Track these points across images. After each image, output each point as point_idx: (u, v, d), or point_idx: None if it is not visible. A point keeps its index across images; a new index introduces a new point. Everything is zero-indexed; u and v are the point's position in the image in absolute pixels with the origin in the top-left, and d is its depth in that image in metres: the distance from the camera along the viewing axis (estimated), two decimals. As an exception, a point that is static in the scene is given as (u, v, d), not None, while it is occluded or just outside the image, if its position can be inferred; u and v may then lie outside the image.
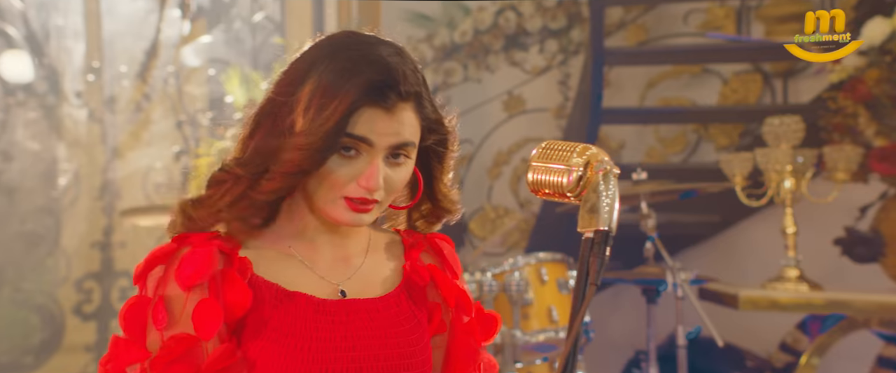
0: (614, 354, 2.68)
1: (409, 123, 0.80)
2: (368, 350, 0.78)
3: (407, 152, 0.81)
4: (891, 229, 2.01)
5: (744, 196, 2.10)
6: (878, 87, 1.92)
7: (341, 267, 0.82)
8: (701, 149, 3.02)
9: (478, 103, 3.34)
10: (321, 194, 0.80)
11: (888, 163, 1.92)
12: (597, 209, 0.67)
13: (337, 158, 0.79)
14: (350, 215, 0.79)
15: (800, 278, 2.04)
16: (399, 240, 0.86)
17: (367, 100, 0.78)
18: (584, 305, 0.63)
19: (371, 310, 0.80)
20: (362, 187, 0.79)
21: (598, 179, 0.68)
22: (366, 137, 0.79)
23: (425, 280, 0.83)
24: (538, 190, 0.70)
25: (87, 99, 2.81)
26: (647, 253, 1.91)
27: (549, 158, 0.69)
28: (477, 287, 1.82)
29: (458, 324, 0.84)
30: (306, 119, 0.78)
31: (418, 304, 0.83)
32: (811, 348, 2.03)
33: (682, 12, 3.07)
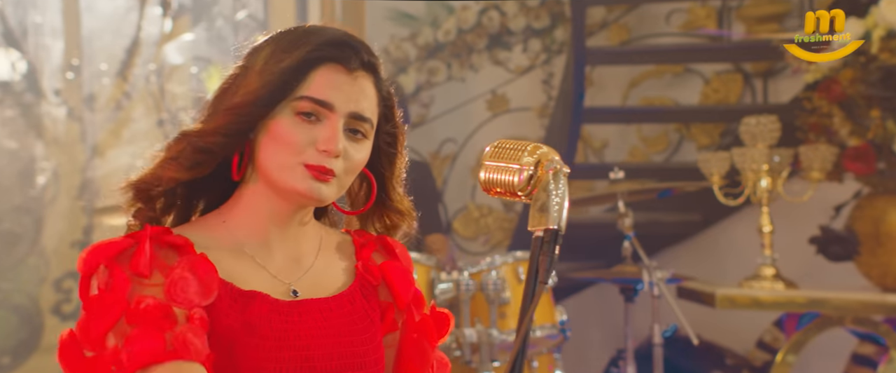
0: (596, 352, 2.69)
1: (369, 95, 0.80)
2: (322, 349, 0.78)
3: (365, 130, 0.80)
4: (864, 228, 2.03)
5: (721, 195, 2.11)
6: (852, 88, 1.94)
7: (293, 267, 0.81)
8: (683, 148, 3.03)
9: (461, 102, 3.35)
10: (278, 161, 0.78)
11: (861, 162, 1.94)
12: (547, 208, 0.67)
13: (296, 121, 0.78)
14: (308, 183, 0.78)
15: (776, 277, 2.06)
16: (350, 240, 0.86)
17: (328, 54, 0.78)
18: (533, 303, 0.63)
19: (324, 309, 0.80)
20: (321, 151, 0.78)
21: (549, 178, 0.68)
22: (326, 101, 0.78)
23: (377, 280, 0.83)
24: (490, 189, 0.71)
25: (65, 97, 2.79)
26: (625, 252, 1.92)
27: (500, 158, 0.70)
28: (454, 286, 1.82)
29: (411, 322, 0.84)
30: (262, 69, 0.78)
31: (371, 303, 0.83)
32: (786, 346, 2.05)
33: (664, 12, 3.08)
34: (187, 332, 0.74)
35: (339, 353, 0.78)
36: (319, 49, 0.79)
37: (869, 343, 2.16)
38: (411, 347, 0.83)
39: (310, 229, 0.83)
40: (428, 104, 3.34)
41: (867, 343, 2.17)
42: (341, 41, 0.80)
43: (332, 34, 0.81)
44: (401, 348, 0.84)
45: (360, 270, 0.83)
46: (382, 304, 0.83)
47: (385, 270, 0.84)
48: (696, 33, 2.92)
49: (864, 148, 1.95)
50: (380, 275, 0.84)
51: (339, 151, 0.78)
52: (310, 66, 0.78)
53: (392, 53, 3.30)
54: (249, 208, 0.81)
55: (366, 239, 0.86)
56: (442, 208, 3.33)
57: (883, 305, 2.00)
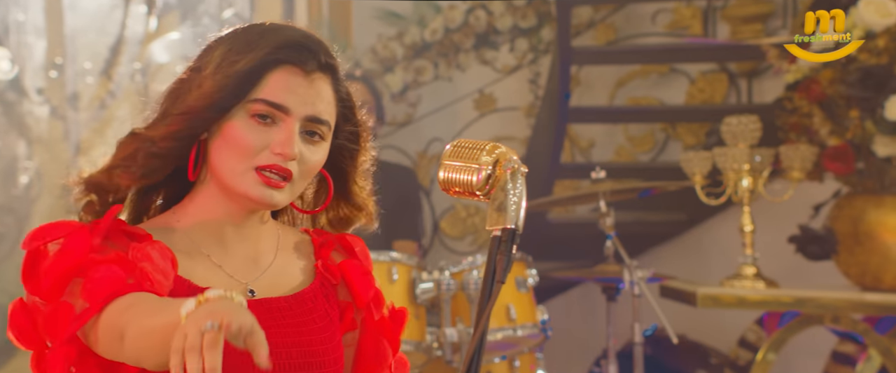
0: (582, 351, 2.70)
1: (326, 98, 0.79)
2: (280, 349, 0.77)
3: (322, 132, 0.79)
4: (843, 227, 2.05)
5: (703, 195, 2.12)
6: (832, 88, 1.95)
7: (250, 266, 0.81)
8: (669, 148, 3.04)
9: (449, 102, 3.34)
10: (231, 166, 0.78)
11: (841, 162, 1.96)
12: (504, 208, 0.67)
13: (250, 123, 0.77)
14: (260, 190, 0.77)
15: (757, 276, 2.07)
16: (308, 239, 0.85)
17: (284, 57, 0.77)
18: (490, 302, 0.63)
19: (282, 309, 0.79)
20: (276, 154, 0.77)
21: (507, 177, 0.68)
22: (282, 104, 0.77)
23: (337, 279, 0.83)
24: (449, 188, 0.71)
25: (49, 96, 2.77)
26: (607, 251, 1.92)
27: (459, 157, 0.70)
28: (435, 286, 1.82)
29: (370, 322, 0.84)
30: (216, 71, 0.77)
31: (330, 302, 0.82)
32: (767, 344, 2.06)
33: (650, 12, 3.09)
34: (148, 266, 0.73)
35: (298, 351, 0.78)
36: (275, 51, 0.78)
37: (849, 341, 2.18)
38: (370, 346, 0.83)
39: (268, 228, 0.83)
40: (415, 103, 3.34)
41: (847, 341, 2.19)
42: (298, 43, 0.79)
43: (289, 35, 0.80)
44: (360, 348, 0.83)
45: (319, 270, 0.83)
46: (341, 303, 0.83)
47: (344, 269, 0.83)
48: (680, 33, 2.94)
49: (844, 148, 1.97)
50: (339, 274, 0.83)
51: (294, 155, 0.77)
52: (265, 68, 0.77)
53: (379, 53, 3.29)
54: (204, 208, 0.80)
55: (325, 238, 0.85)
56: (429, 209, 3.34)
57: (861, 303, 2.02)
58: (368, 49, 3.30)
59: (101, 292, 0.72)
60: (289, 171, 0.78)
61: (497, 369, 1.91)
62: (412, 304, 1.81)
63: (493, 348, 1.87)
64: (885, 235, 2.00)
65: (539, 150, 3.01)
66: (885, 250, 2.01)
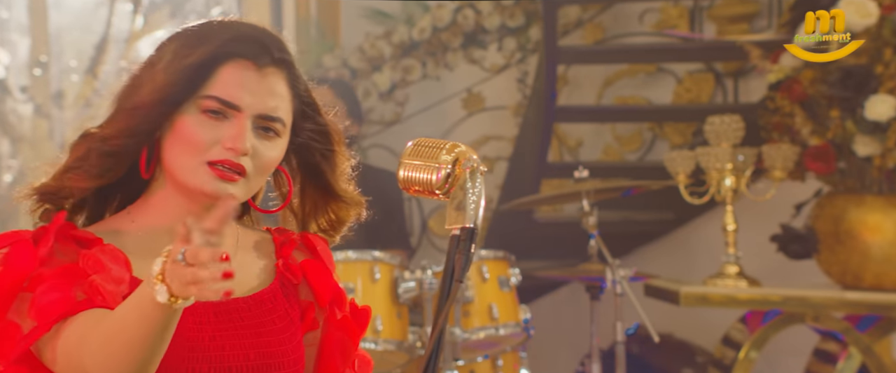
0: (570, 350, 2.70)
1: (280, 93, 0.78)
2: (238, 350, 0.76)
3: (277, 129, 0.78)
4: (824, 226, 2.06)
5: (687, 194, 2.13)
6: (813, 88, 1.96)
7: None
8: (656, 147, 3.05)
9: (437, 101, 3.34)
10: (183, 161, 0.77)
11: (822, 161, 1.97)
12: (464, 206, 0.67)
13: (201, 119, 0.76)
14: (213, 184, 0.76)
15: (739, 275, 2.08)
16: (270, 238, 0.84)
17: (236, 50, 0.76)
18: (448, 301, 0.63)
19: (241, 309, 0.78)
20: (227, 149, 0.76)
21: (466, 176, 0.68)
22: (233, 102, 0.76)
23: (298, 278, 0.82)
24: (408, 187, 0.71)
25: (33, 94, 2.76)
26: (591, 251, 1.92)
27: (418, 156, 0.70)
28: (417, 285, 1.82)
29: (332, 321, 0.83)
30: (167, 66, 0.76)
31: (291, 302, 0.81)
32: (749, 343, 2.07)
33: (637, 11, 3.10)
34: (98, 279, 0.72)
35: (256, 353, 0.77)
36: (226, 45, 0.77)
37: (830, 339, 2.19)
38: (333, 345, 0.82)
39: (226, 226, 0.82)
40: (403, 103, 3.33)
41: (829, 339, 2.20)
42: (250, 37, 0.78)
43: (242, 29, 0.79)
44: (322, 347, 0.82)
45: (280, 269, 0.81)
46: (303, 302, 0.82)
47: (306, 269, 0.82)
48: (666, 33, 2.94)
49: (825, 147, 1.98)
50: (301, 273, 0.82)
51: (246, 150, 0.76)
52: (216, 61, 0.76)
53: (367, 51, 3.29)
54: (160, 207, 0.79)
55: (286, 237, 0.84)
56: (417, 208, 3.33)
57: (842, 302, 2.03)
58: (356, 48, 3.30)
59: (50, 312, 0.70)
60: (241, 165, 0.77)
61: (480, 369, 1.91)
62: (395, 303, 1.81)
63: (475, 347, 1.87)
64: (865, 234, 2.01)
65: (526, 149, 3.01)
66: (866, 249, 2.02)
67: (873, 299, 2.01)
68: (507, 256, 1.92)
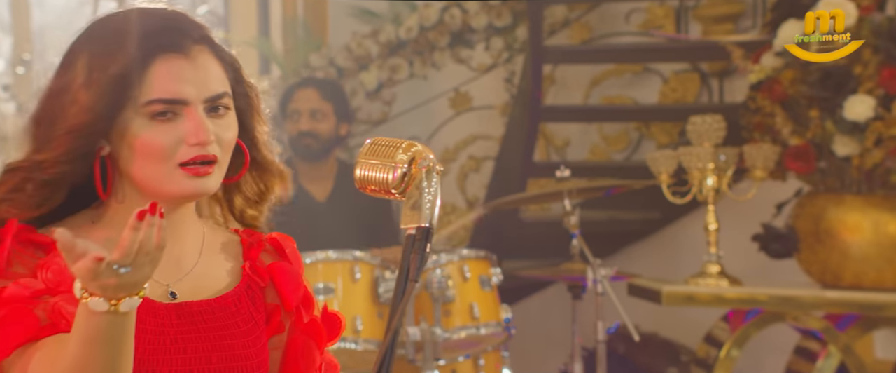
0: (557, 349, 2.70)
1: (213, 69, 0.76)
2: (200, 353, 0.76)
3: (225, 103, 0.77)
4: (805, 226, 2.07)
5: (669, 194, 2.13)
6: (793, 88, 1.97)
7: (172, 267, 0.78)
8: (643, 147, 3.06)
9: (424, 100, 3.34)
10: (152, 172, 0.76)
11: (802, 161, 1.97)
12: (419, 206, 0.67)
13: (153, 125, 0.74)
14: (191, 183, 0.75)
15: (721, 274, 2.09)
16: (237, 240, 0.83)
17: (157, 46, 0.74)
18: (403, 301, 0.63)
19: (204, 312, 0.78)
20: (193, 145, 0.74)
21: (422, 175, 0.68)
22: (178, 98, 0.74)
23: (265, 281, 0.81)
24: (365, 186, 0.70)
25: (16, 92, 2.74)
26: (573, 250, 1.93)
27: (375, 155, 0.69)
28: (398, 284, 1.81)
29: (299, 324, 0.82)
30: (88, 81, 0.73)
31: (256, 305, 0.80)
32: (730, 341, 2.08)
33: (623, 11, 3.11)
34: (61, 301, 0.70)
35: (218, 356, 0.76)
36: (144, 44, 0.74)
37: (811, 338, 2.20)
38: (297, 349, 0.81)
39: (191, 228, 0.81)
40: (390, 102, 3.33)
41: (810, 338, 2.21)
42: (164, 27, 0.75)
43: (150, 22, 0.75)
44: (287, 351, 0.81)
45: (246, 271, 0.81)
46: (269, 306, 0.81)
47: (273, 271, 0.82)
48: (650, 33, 2.95)
49: (805, 147, 1.99)
50: (268, 276, 0.81)
51: (210, 139, 0.75)
52: (143, 64, 0.74)
53: (354, 50, 3.28)
54: (122, 210, 0.78)
55: (254, 239, 0.83)
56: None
57: (822, 301, 2.04)
58: (343, 47, 3.29)
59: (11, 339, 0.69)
60: (212, 155, 0.76)
61: (462, 368, 1.91)
62: (375, 303, 1.81)
63: (456, 346, 1.87)
64: (844, 233, 2.02)
65: (513, 148, 3.01)
66: (845, 248, 2.03)
67: (852, 297, 2.02)
68: (489, 256, 1.92)
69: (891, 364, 2.28)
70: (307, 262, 1.78)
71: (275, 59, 3.38)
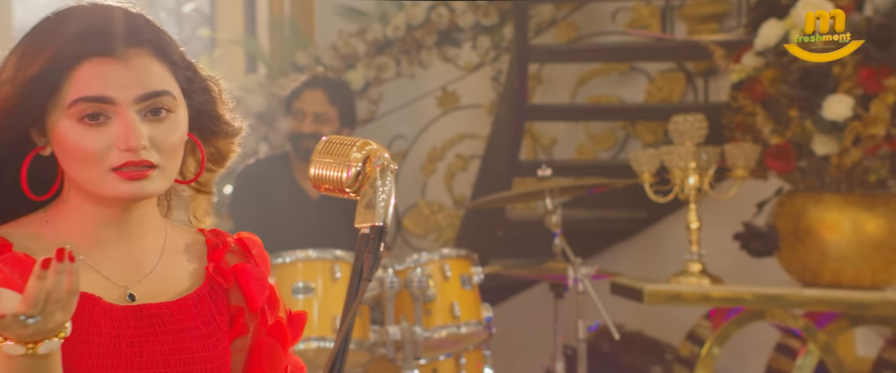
0: (541, 348, 2.71)
1: (152, 70, 0.73)
2: (158, 356, 0.75)
3: (166, 104, 0.73)
4: (785, 224, 2.08)
5: (652, 193, 2.14)
6: (774, 87, 1.97)
7: (131, 268, 0.77)
8: (629, 146, 3.07)
9: (411, 99, 3.34)
10: (86, 176, 0.73)
11: (782, 160, 1.98)
12: (373, 205, 0.67)
13: (82, 129, 0.72)
14: (127, 187, 0.72)
15: (702, 272, 2.10)
16: (202, 240, 0.82)
17: (82, 51, 0.72)
18: (356, 300, 0.63)
19: (163, 314, 0.76)
20: (123, 150, 0.72)
21: (376, 174, 0.68)
22: (101, 96, 0.71)
23: (229, 282, 0.80)
24: (319, 185, 0.70)
25: (-3, 90, 2.71)
26: (556, 249, 1.93)
27: (329, 153, 0.69)
28: (378, 284, 1.82)
29: (263, 326, 0.81)
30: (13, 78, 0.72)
31: (220, 307, 0.79)
32: (711, 339, 2.09)
33: (610, 10, 3.11)
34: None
35: (176, 359, 0.75)
36: (68, 47, 0.71)
37: (791, 336, 2.22)
38: (262, 351, 0.80)
39: (151, 228, 0.79)
40: (377, 101, 3.32)
41: (790, 335, 2.23)
42: (95, 29, 0.72)
43: (84, 24, 0.72)
44: (251, 353, 0.80)
45: (209, 273, 0.79)
46: (233, 308, 0.80)
47: (238, 273, 0.80)
48: (633, 33, 2.96)
49: (785, 146, 1.99)
50: (232, 277, 0.80)
51: (141, 144, 0.72)
52: (65, 66, 0.72)
53: (340, 49, 3.28)
54: (76, 210, 0.76)
55: (220, 239, 0.81)
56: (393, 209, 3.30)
57: (802, 299, 2.05)
58: (330, 46, 3.28)
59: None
60: (145, 161, 0.73)
61: (443, 367, 1.91)
62: (356, 302, 1.80)
63: (437, 345, 1.86)
64: (823, 231, 2.03)
65: (499, 147, 3.01)
66: (824, 247, 2.04)
67: (830, 295, 2.03)
68: (470, 255, 1.92)
69: (871, 362, 2.30)
70: (287, 261, 1.78)
71: (261, 58, 3.37)
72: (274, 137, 3.05)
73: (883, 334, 2.27)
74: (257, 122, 3.13)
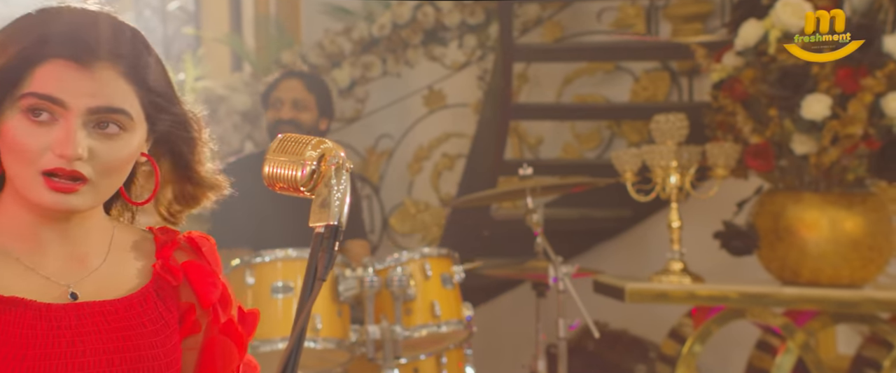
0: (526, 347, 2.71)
1: (115, 87, 0.72)
2: (101, 355, 0.73)
3: (119, 122, 0.72)
4: (765, 223, 2.09)
5: (634, 192, 2.14)
6: (754, 87, 1.98)
7: (75, 267, 0.76)
8: (614, 145, 3.07)
9: (398, 98, 3.33)
10: (17, 172, 0.72)
11: (762, 159, 1.99)
12: (328, 204, 0.66)
13: (25, 123, 0.71)
14: (51, 197, 0.71)
15: (683, 271, 2.10)
16: (151, 237, 0.81)
17: (50, 51, 0.71)
18: (310, 299, 0.63)
19: (107, 313, 0.75)
20: (57, 155, 0.70)
21: (331, 173, 0.67)
22: (54, 96, 0.70)
23: (178, 279, 0.79)
24: (273, 184, 0.69)
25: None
26: (538, 248, 1.93)
27: (284, 151, 0.68)
28: (358, 283, 1.81)
29: (215, 324, 0.80)
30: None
31: (168, 304, 0.78)
32: (693, 337, 2.09)
33: (595, 10, 3.12)
34: None
35: (121, 358, 0.74)
36: (38, 45, 0.71)
37: (772, 333, 2.23)
38: (214, 348, 0.79)
39: (96, 226, 0.78)
40: (363, 99, 3.32)
41: (770, 333, 2.24)
42: (67, 35, 0.71)
43: (58, 28, 0.72)
44: (203, 351, 0.79)
45: (156, 270, 0.78)
46: (183, 305, 0.79)
47: (187, 269, 0.79)
48: (622, 32, 2.97)
49: (764, 146, 2.00)
50: (181, 274, 0.79)
51: (77, 154, 0.70)
52: (30, 63, 0.71)
53: (326, 48, 3.27)
54: (12, 209, 0.75)
55: (169, 236, 0.81)
56: (378, 205, 3.31)
57: (782, 297, 2.06)
58: (315, 44, 3.27)
59: None
60: (77, 172, 0.71)
61: (424, 366, 1.91)
62: (335, 301, 1.80)
63: (417, 344, 1.86)
64: (802, 230, 2.04)
65: (484, 146, 3.01)
66: (803, 245, 2.05)
67: (809, 294, 2.04)
68: (451, 254, 1.92)
69: (850, 359, 2.31)
70: (267, 260, 1.77)
71: (246, 57, 3.35)
72: (259, 135, 3.04)
73: (862, 331, 2.28)
74: (242, 120, 3.12)
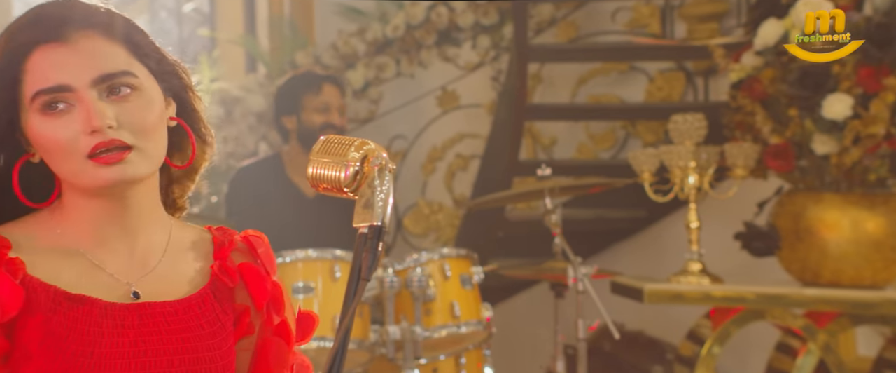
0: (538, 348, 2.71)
1: (105, 52, 0.72)
2: (162, 356, 0.74)
3: (128, 83, 0.72)
4: (785, 224, 2.08)
5: (651, 192, 2.14)
6: (773, 87, 1.97)
7: (137, 266, 0.76)
8: (629, 145, 3.07)
9: (412, 99, 3.34)
10: (67, 169, 0.72)
11: (782, 160, 1.98)
12: (371, 204, 0.67)
13: (47, 121, 0.71)
14: (105, 172, 0.71)
15: (702, 272, 2.09)
16: (209, 238, 0.81)
17: (29, 39, 0.71)
18: (355, 300, 0.63)
19: (167, 313, 0.76)
20: (89, 134, 0.70)
21: (374, 174, 0.68)
22: (56, 84, 0.70)
23: (234, 281, 0.79)
24: (317, 184, 0.70)
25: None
26: (556, 249, 1.93)
27: (327, 153, 0.69)
28: (378, 284, 1.81)
29: (268, 325, 0.80)
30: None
31: (225, 306, 0.79)
32: (712, 338, 2.08)
33: (610, 10, 3.11)
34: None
35: (180, 359, 0.75)
36: (15, 38, 0.71)
37: (792, 335, 2.21)
38: (267, 350, 0.79)
39: (156, 224, 0.78)
40: (377, 100, 3.32)
41: (791, 335, 2.22)
42: (41, 18, 0.71)
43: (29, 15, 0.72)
44: (257, 352, 0.80)
45: (214, 271, 0.79)
46: (238, 307, 0.79)
47: (243, 271, 0.80)
48: (637, 32, 2.96)
49: (784, 146, 1.99)
50: (237, 276, 0.79)
51: (107, 123, 0.70)
52: (18, 57, 0.71)
53: (340, 49, 3.28)
54: (73, 209, 0.76)
55: (226, 237, 0.81)
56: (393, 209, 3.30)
57: (802, 298, 2.05)
58: (329, 45, 3.28)
59: None
60: (117, 140, 0.71)
61: (443, 367, 1.91)
62: (356, 301, 1.80)
63: (437, 345, 1.86)
64: (823, 231, 2.03)
65: (499, 147, 3.02)
66: (823, 246, 2.04)
67: (830, 295, 2.03)
68: (470, 254, 1.92)
69: (872, 361, 2.29)
70: (287, 261, 1.78)
71: (261, 58, 3.37)
72: (274, 136, 3.06)
73: (883, 333, 2.26)
74: (257, 121, 3.14)
